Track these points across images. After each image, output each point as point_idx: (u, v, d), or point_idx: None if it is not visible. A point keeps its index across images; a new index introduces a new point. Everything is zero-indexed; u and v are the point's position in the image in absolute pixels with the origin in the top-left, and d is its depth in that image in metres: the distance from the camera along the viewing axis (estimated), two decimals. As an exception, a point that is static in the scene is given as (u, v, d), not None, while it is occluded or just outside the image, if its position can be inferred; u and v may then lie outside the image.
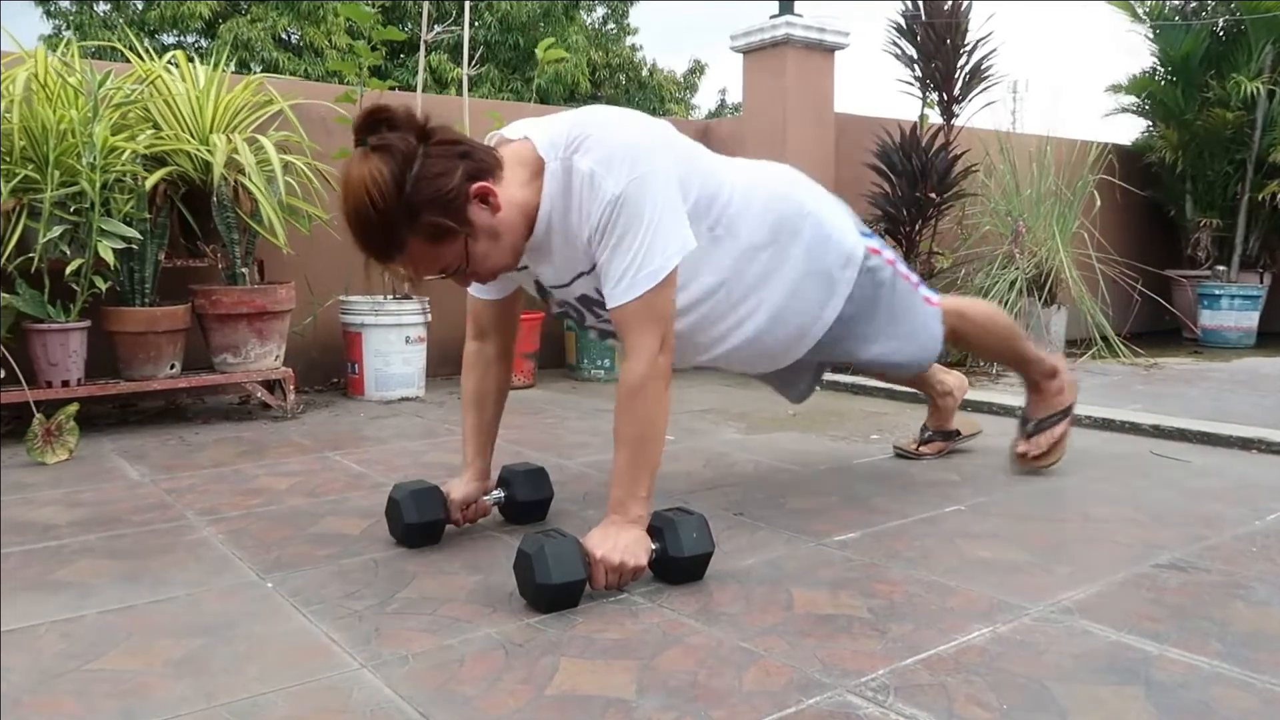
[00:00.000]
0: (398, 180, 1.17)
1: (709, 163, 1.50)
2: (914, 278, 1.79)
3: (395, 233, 1.20)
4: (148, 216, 2.50)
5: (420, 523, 1.46)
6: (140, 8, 11.95)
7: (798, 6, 3.78)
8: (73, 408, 2.19)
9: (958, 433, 2.19)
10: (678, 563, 1.29)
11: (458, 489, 1.54)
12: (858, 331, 1.68)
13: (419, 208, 1.19)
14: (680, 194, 1.34)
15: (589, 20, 14.77)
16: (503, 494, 1.60)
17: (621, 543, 1.26)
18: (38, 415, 2.14)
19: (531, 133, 1.33)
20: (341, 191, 1.21)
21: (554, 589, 1.19)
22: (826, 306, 1.63)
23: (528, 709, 0.96)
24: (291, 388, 2.75)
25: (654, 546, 1.30)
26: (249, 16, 11.82)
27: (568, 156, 1.29)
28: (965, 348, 2.06)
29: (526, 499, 1.60)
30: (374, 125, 1.20)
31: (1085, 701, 0.97)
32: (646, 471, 1.31)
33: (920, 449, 2.14)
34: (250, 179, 2.54)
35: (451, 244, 1.24)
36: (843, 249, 1.62)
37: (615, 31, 15.26)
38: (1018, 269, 3.91)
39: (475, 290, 1.55)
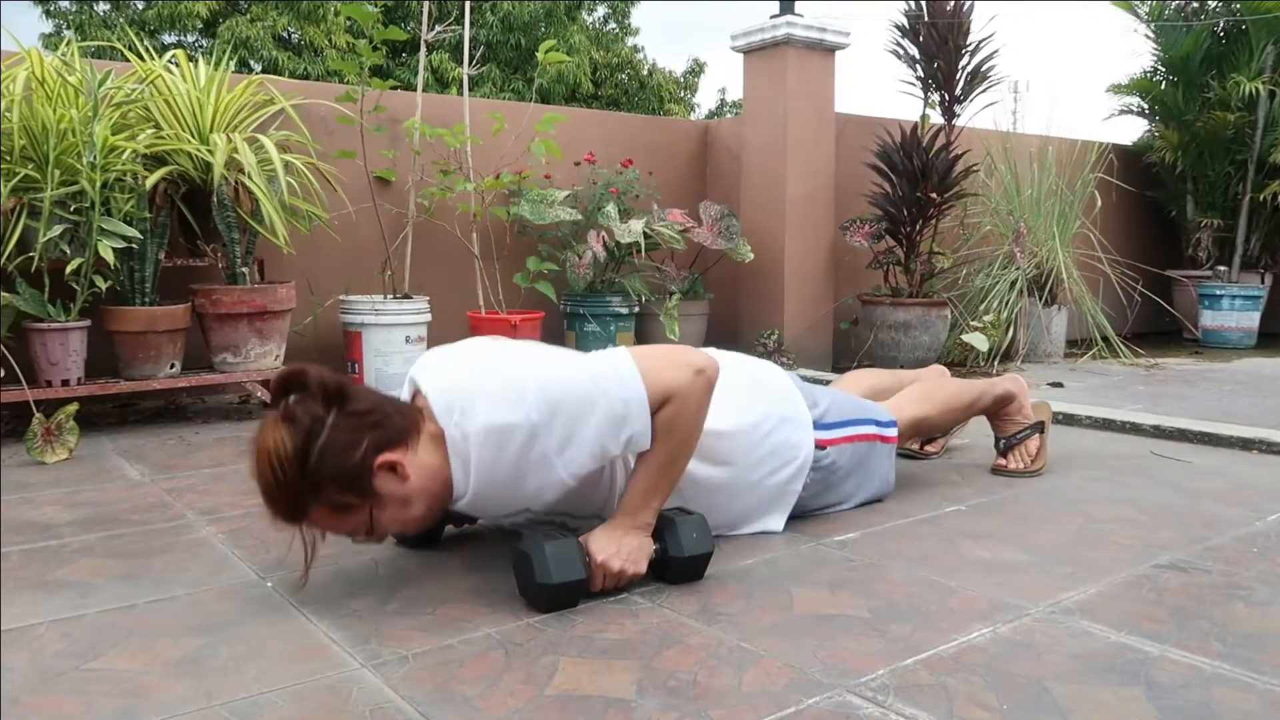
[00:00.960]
0: (300, 453, 1.14)
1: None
2: (872, 427, 1.71)
3: (298, 502, 1.17)
4: (148, 216, 2.50)
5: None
6: (140, 7, 11.96)
7: (798, 6, 3.78)
8: (73, 407, 2.19)
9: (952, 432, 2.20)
10: (678, 562, 1.29)
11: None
12: (817, 504, 1.66)
13: (321, 482, 1.16)
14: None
15: (590, 20, 14.77)
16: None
17: (625, 549, 1.26)
18: (38, 415, 2.14)
19: (426, 384, 1.29)
20: (251, 454, 1.18)
21: (554, 588, 1.19)
22: (770, 515, 1.57)
23: (528, 709, 0.96)
24: (292, 387, 2.75)
25: (654, 547, 1.29)
26: (249, 15, 11.83)
27: (460, 425, 1.23)
28: (930, 434, 2.08)
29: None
30: (285, 390, 1.19)
31: (1085, 702, 0.97)
32: (667, 487, 1.30)
33: (925, 447, 2.15)
34: (251, 178, 2.54)
35: (356, 514, 1.21)
36: (790, 468, 1.56)
37: (616, 31, 15.26)
38: (1018, 269, 3.91)
39: None
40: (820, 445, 1.61)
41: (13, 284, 2.31)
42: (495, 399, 1.22)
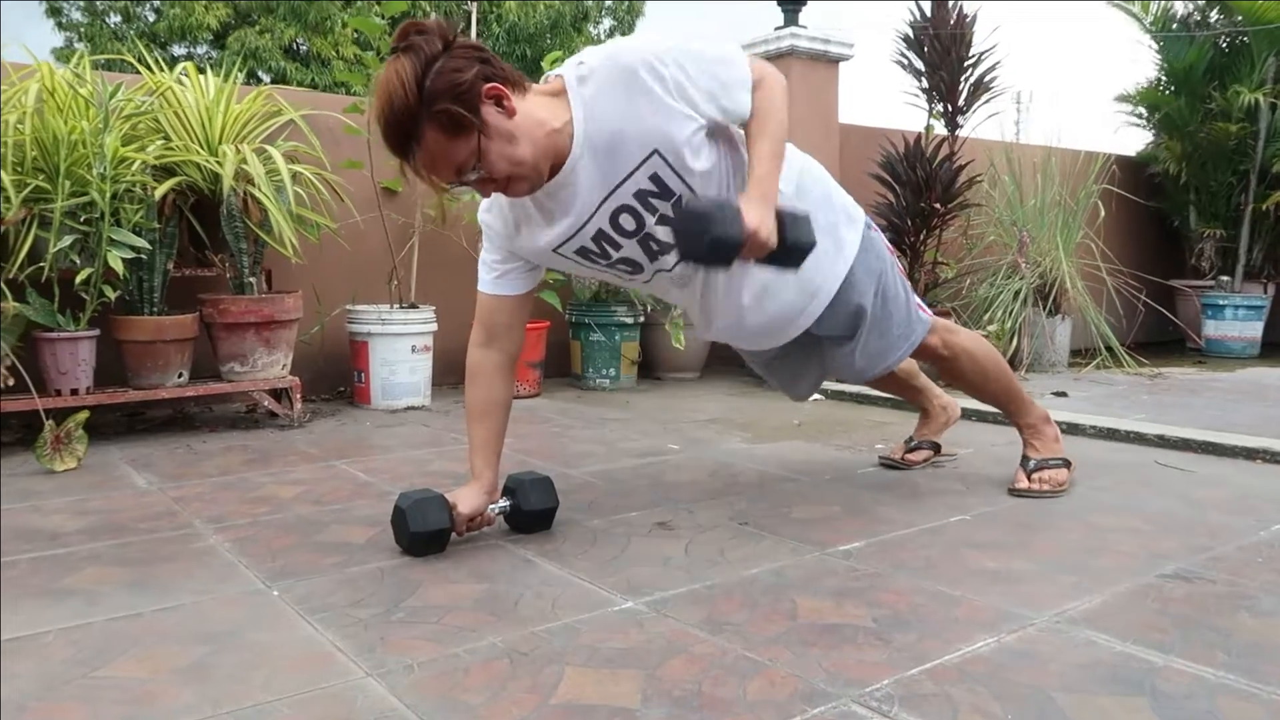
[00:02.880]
0: (418, 75, 1.26)
1: None
2: (910, 287, 1.80)
3: (413, 123, 1.27)
4: (157, 226, 2.52)
5: (426, 531, 1.47)
6: (151, 19, 12.05)
7: (802, 18, 3.80)
8: (82, 415, 2.20)
9: (939, 447, 2.19)
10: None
11: (465, 501, 1.54)
12: (852, 304, 1.67)
13: (434, 96, 1.26)
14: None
15: (595, 32, 14.84)
16: (508, 503, 1.61)
17: (768, 222, 1.34)
18: (48, 423, 2.15)
19: (564, 69, 1.42)
20: (373, 93, 1.32)
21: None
22: (837, 262, 1.65)
23: (532, 718, 0.96)
24: (298, 396, 2.76)
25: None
26: (258, 27, 11.92)
27: (587, 63, 1.38)
28: (959, 384, 1.95)
29: (531, 508, 1.60)
30: (406, 33, 1.29)
31: (1090, 712, 0.97)
32: (780, 158, 1.42)
33: (906, 456, 2.14)
34: (259, 189, 2.56)
35: (465, 139, 1.29)
36: (846, 211, 1.68)
37: (621, 43, 15.31)
38: (1022, 279, 3.91)
39: (486, 285, 1.58)
40: (868, 219, 1.72)
41: (23, 294, 2.33)
42: (621, 45, 1.38)
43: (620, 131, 1.37)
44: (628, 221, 1.46)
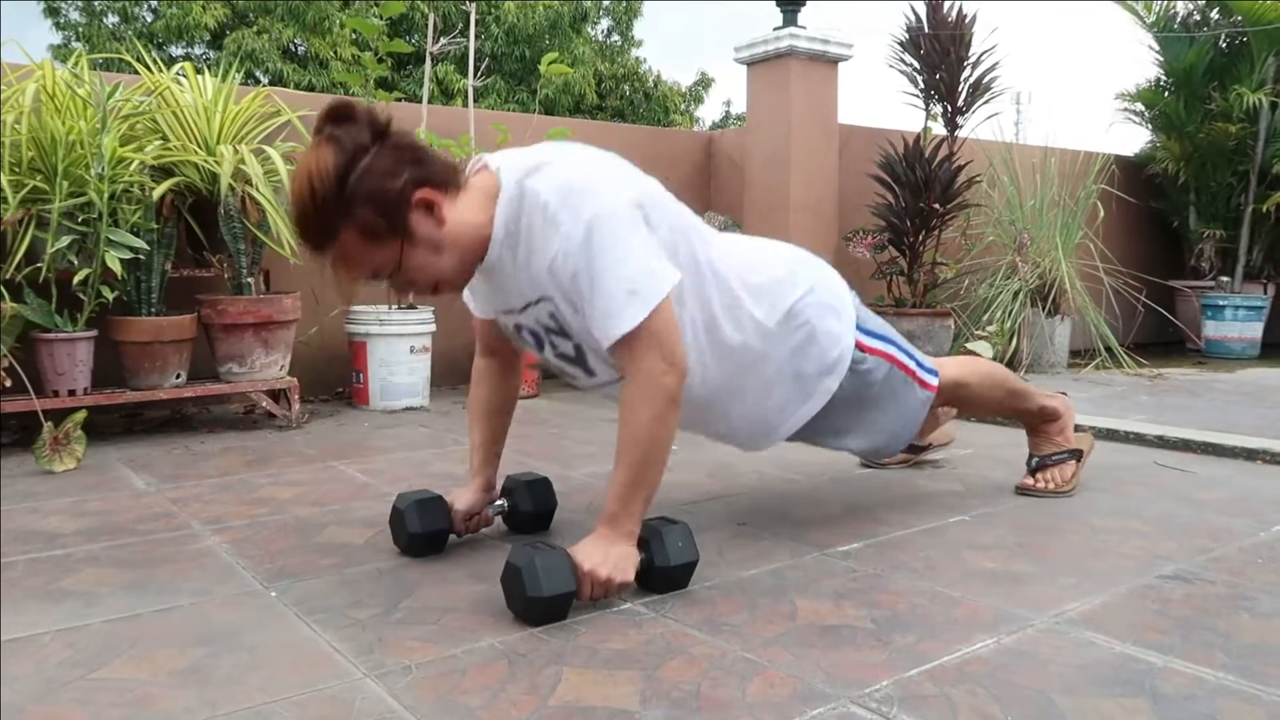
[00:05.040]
0: (341, 171, 1.16)
1: (699, 229, 1.43)
2: (913, 363, 1.65)
3: (330, 222, 1.18)
4: (155, 227, 2.51)
5: (424, 532, 1.46)
6: (148, 20, 12.05)
7: (801, 18, 3.80)
8: (80, 416, 2.20)
9: (929, 445, 2.16)
10: (663, 571, 1.30)
11: (462, 499, 1.54)
12: (831, 425, 1.60)
13: (355, 201, 1.17)
14: (655, 236, 1.28)
15: (594, 32, 14.85)
16: (506, 504, 1.60)
17: (612, 558, 1.25)
18: (47, 424, 2.15)
19: (503, 161, 1.30)
20: (291, 177, 1.23)
21: (545, 602, 1.18)
22: (795, 414, 1.54)
23: (531, 719, 0.96)
24: (297, 397, 2.76)
25: (640, 556, 1.30)
26: (255, 28, 11.91)
27: (523, 179, 1.26)
28: (961, 409, 1.99)
29: (530, 509, 1.60)
30: (333, 118, 1.20)
31: (1090, 714, 0.97)
32: (645, 490, 1.28)
33: (886, 460, 2.12)
34: (257, 189, 2.56)
35: (386, 247, 1.21)
36: (826, 359, 1.51)
37: (621, 44, 15.33)
38: (1021, 280, 3.91)
39: (472, 308, 1.54)
40: (860, 348, 1.53)
41: (21, 294, 2.32)
42: (564, 192, 1.23)
43: (528, 260, 1.28)
44: (553, 336, 1.38)
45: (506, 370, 1.60)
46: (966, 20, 3.75)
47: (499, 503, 1.60)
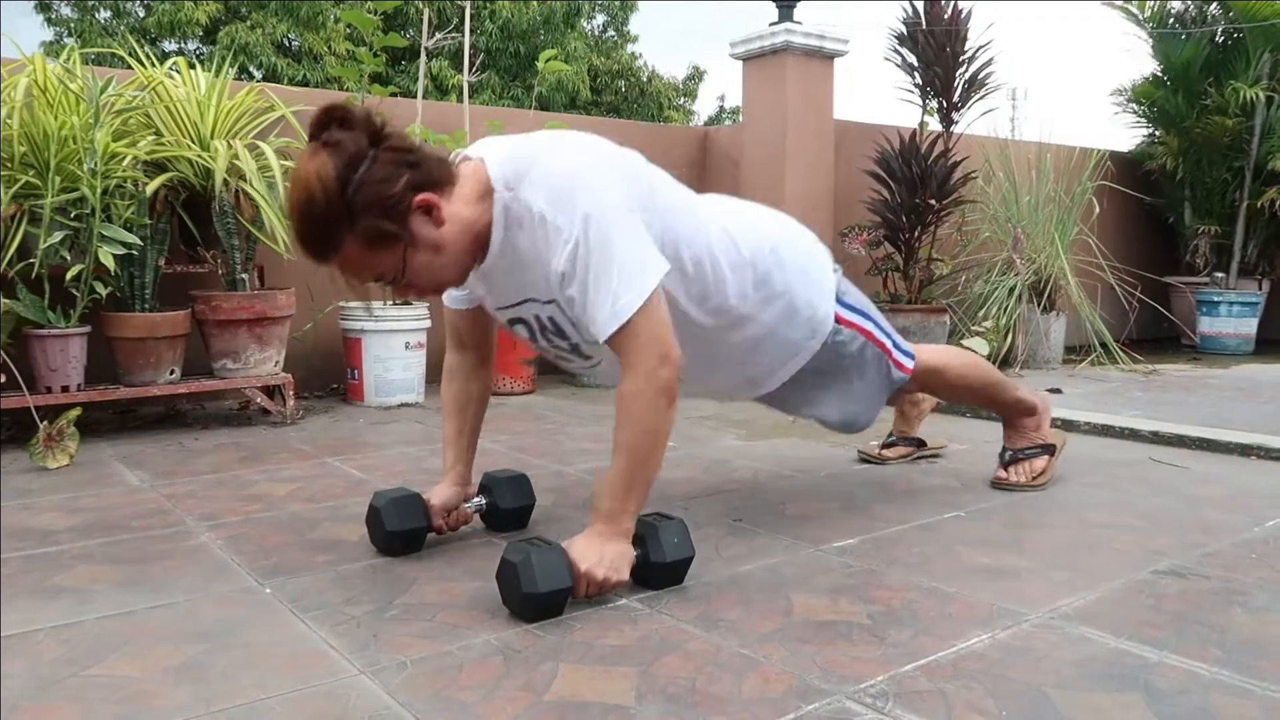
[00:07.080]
0: (342, 179, 1.16)
1: (680, 205, 1.44)
2: (890, 343, 1.70)
3: (333, 232, 1.18)
4: (148, 222, 2.50)
5: (401, 530, 1.44)
6: (141, 14, 11.99)
7: (797, 13, 3.79)
8: (74, 412, 2.19)
9: (923, 443, 2.19)
10: (659, 568, 1.30)
11: (438, 495, 1.52)
12: (806, 395, 1.67)
13: (359, 210, 1.17)
14: (641, 222, 1.29)
15: (589, 27, 14.81)
16: (484, 501, 1.59)
17: (608, 555, 1.25)
18: (42, 423, 2.14)
19: (486, 154, 1.31)
20: (288, 185, 1.21)
21: (540, 598, 1.18)
22: (782, 369, 1.61)
23: (526, 715, 0.96)
24: (291, 393, 2.75)
25: (635, 553, 1.29)
26: (249, 22, 11.86)
27: (515, 191, 1.27)
28: (939, 396, 2.03)
29: (508, 506, 1.59)
30: (328, 122, 1.19)
31: (1084, 708, 0.97)
32: (641, 486, 1.28)
33: (883, 452, 2.15)
34: (251, 185, 2.55)
35: (388, 251, 1.22)
36: (810, 324, 1.57)
37: (615, 39, 15.30)
38: (1017, 275, 3.91)
39: (447, 300, 1.53)
40: (837, 319, 1.59)
41: (13, 290, 2.31)
42: (555, 197, 1.23)
43: (524, 265, 1.31)
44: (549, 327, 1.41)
45: (479, 364, 1.59)
46: (962, 16, 3.75)
47: (477, 500, 1.59)
